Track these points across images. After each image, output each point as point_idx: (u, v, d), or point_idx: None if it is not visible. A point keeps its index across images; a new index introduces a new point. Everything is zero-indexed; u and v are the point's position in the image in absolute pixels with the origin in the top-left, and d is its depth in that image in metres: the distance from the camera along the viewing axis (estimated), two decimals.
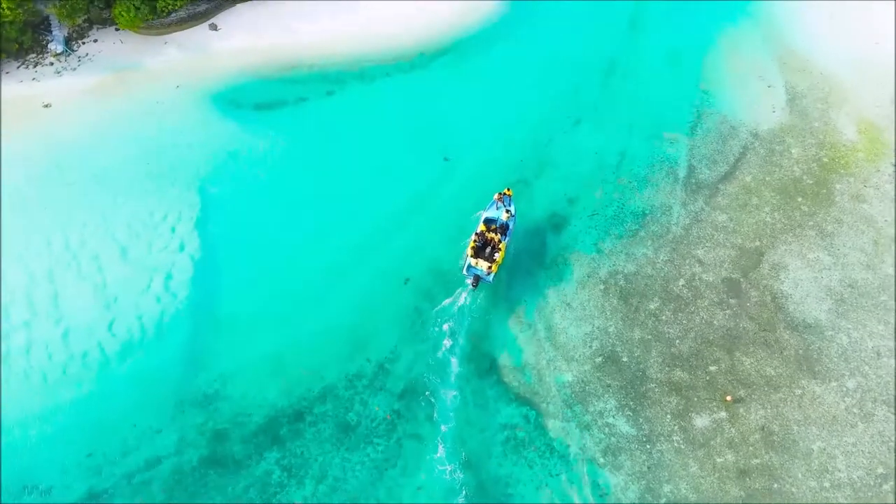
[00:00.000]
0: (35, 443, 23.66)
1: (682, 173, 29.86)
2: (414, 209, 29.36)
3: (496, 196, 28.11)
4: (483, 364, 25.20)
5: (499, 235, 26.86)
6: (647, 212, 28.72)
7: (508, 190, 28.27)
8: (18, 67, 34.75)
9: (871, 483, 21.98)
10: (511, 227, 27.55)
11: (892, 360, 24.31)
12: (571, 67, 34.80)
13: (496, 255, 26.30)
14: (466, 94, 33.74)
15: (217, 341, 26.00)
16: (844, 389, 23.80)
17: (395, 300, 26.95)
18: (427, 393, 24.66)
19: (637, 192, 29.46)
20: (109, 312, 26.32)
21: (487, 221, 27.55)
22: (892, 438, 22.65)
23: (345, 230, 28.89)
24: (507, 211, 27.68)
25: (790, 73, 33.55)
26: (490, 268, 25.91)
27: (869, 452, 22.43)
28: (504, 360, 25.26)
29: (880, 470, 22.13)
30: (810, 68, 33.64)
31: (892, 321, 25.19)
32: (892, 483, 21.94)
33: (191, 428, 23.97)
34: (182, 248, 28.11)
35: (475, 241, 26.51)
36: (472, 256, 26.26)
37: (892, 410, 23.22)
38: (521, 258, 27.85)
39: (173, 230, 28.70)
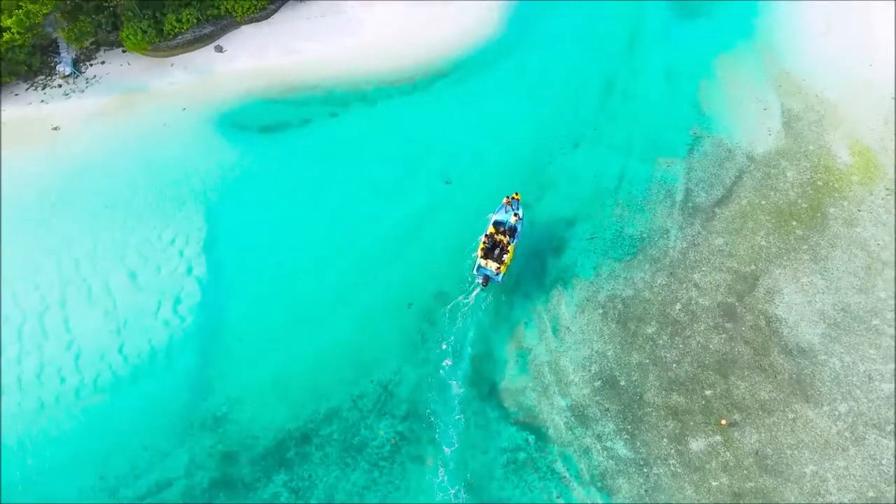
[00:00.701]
0: (50, 465, 24.33)
1: (679, 196, 30.45)
2: (416, 232, 29.94)
3: (505, 200, 29.12)
4: (484, 387, 25.86)
5: (507, 237, 28.08)
6: (644, 235, 29.34)
7: (517, 194, 29.19)
8: (27, 89, 35.37)
9: None
10: (519, 229, 28.68)
11: (884, 385, 24.95)
12: (571, 88, 35.34)
13: (504, 256, 27.45)
14: (466, 116, 34.25)
15: (225, 364, 26.65)
16: (836, 413, 24.43)
17: (398, 323, 27.57)
18: (430, 415, 25.36)
19: (635, 215, 30.06)
20: (120, 336, 27.00)
21: (497, 224, 28.71)
22: (883, 462, 23.29)
23: (348, 253, 29.48)
24: (516, 214, 28.85)
25: (786, 95, 34.10)
26: (499, 268, 27.06)
27: (860, 476, 23.06)
28: (505, 383, 25.91)
29: (871, 493, 22.77)
30: (806, 90, 34.20)
31: (884, 345, 25.82)
32: None
33: (200, 450, 24.64)
34: (190, 271, 28.77)
35: (485, 242, 27.77)
36: (481, 257, 27.50)
37: (883, 434, 23.87)
38: (523, 280, 28.49)
39: (181, 253, 29.36)
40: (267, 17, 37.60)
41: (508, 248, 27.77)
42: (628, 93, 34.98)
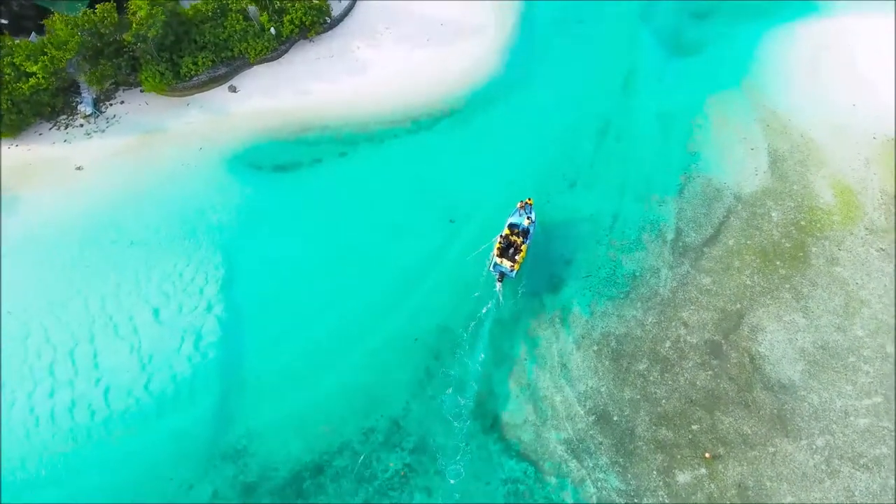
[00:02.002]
0: (82, 496, 26.24)
1: (670, 236, 32.26)
2: (422, 271, 31.75)
3: (519, 204, 31.99)
4: (487, 421, 27.70)
5: (521, 238, 30.88)
6: (637, 274, 31.16)
7: (530, 199, 32.08)
8: (51, 129, 37.21)
9: None
10: (532, 231, 31.45)
11: (859, 420, 26.78)
12: (568, 129, 37.18)
13: (517, 255, 30.25)
14: (468, 155, 36.10)
15: (244, 399, 28.48)
16: (814, 447, 26.28)
17: (405, 359, 29.38)
18: (436, 448, 27.21)
19: (628, 254, 31.88)
20: (146, 372, 28.85)
21: (511, 226, 31.42)
22: (856, 493, 25.16)
23: (358, 291, 31.29)
24: (529, 218, 31.69)
25: (773, 135, 35.90)
26: (513, 266, 29.95)
27: None
28: (506, 417, 27.75)
29: None
30: (791, 130, 35.98)
31: (860, 382, 27.66)
32: None
33: (223, 482, 26.48)
34: (210, 309, 30.60)
35: (500, 243, 30.64)
36: (497, 256, 30.31)
37: (857, 467, 25.72)
38: (522, 317, 30.28)
39: (201, 291, 31.20)
40: (277, 57, 39.46)
41: (522, 248, 30.65)
42: (622, 133, 36.80)
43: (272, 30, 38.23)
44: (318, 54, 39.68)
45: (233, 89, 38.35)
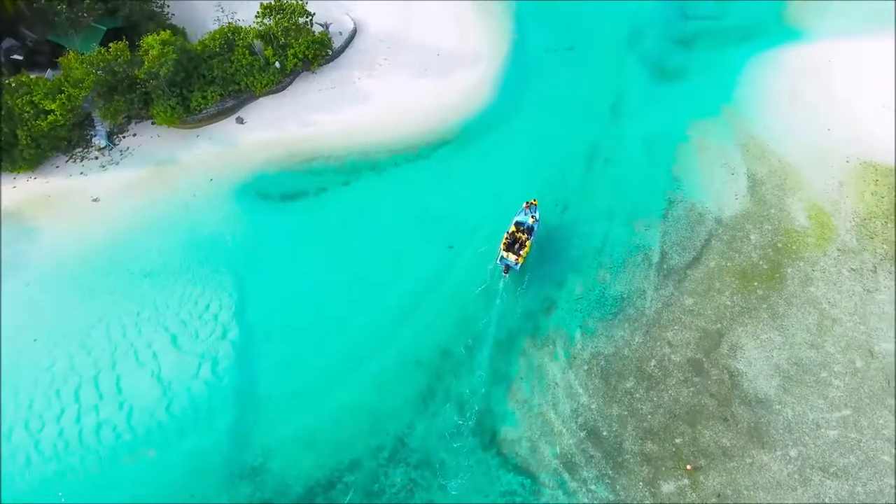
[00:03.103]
0: None
1: (655, 258, 34.36)
2: (423, 294, 33.73)
3: (525, 204, 35.24)
4: (486, 437, 29.74)
5: (525, 235, 33.85)
6: (624, 296, 33.25)
7: (535, 200, 35.37)
8: (67, 161, 39.12)
9: None
10: (535, 228, 34.54)
11: (829, 431, 28.94)
12: (560, 153, 39.24)
13: (522, 250, 33.28)
14: (466, 182, 38.12)
15: (258, 419, 30.46)
16: (788, 458, 28.44)
17: (409, 379, 31.36)
18: (439, 463, 29.28)
19: (617, 276, 33.97)
20: (166, 396, 30.81)
21: (517, 224, 34.52)
22: (826, 501, 27.33)
23: (363, 315, 33.28)
24: (533, 216, 34.77)
25: (752, 159, 38.03)
26: (517, 259, 32.99)
27: None
28: (504, 433, 29.81)
29: None
30: (769, 155, 38.12)
31: (830, 395, 29.82)
32: None
33: (242, 498, 28.45)
34: (224, 335, 32.59)
35: (507, 239, 33.55)
36: (504, 251, 33.30)
37: (827, 476, 27.88)
38: (517, 339, 32.37)
39: (216, 318, 33.16)
40: (282, 89, 41.42)
41: (526, 244, 33.58)
42: (611, 157, 38.89)
43: (277, 64, 40.19)
44: (320, 85, 41.68)
45: (240, 121, 40.29)
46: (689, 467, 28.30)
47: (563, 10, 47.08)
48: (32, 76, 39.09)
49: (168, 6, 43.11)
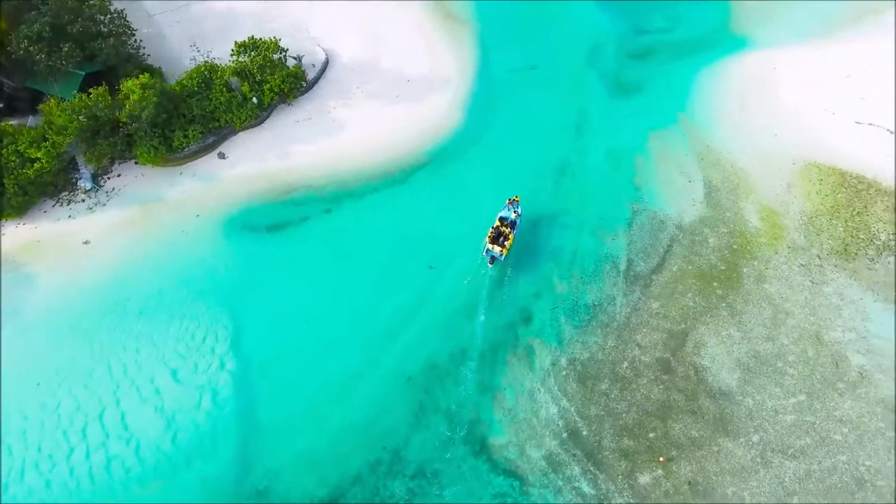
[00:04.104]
0: None
1: (622, 266, 36.92)
2: (409, 315, 35.79)
3: (508, 201, 38.58)
4: (476, 445, 31.98)
5: (509, 229, 37.25)
6: (596, 303, 35.75)
7: (517, 197, 38.59)
8: (54, 205, 40.15)
9: None
10: (518, 223, 37.85)
11: (786, 416, 31.81)
12: (529, 171, 41.54)
13: (506, 242, 36.65)
14: (442, 202, 40.21)
15: (261, 444, 32.28)
16: (750, 443, 31.24)
17: (401, 396, 33.46)
18: (433, 473, 31.41)
19: (588, 285, 36.45)
20: (171, 429, 32.44)
21: (501, 219, 37.79)
22: (785, 480, 30.16)
23: (352, 337, 35.25)
24: (515, 212, 38.10)
25: (707, 167, 40.85)
26: (502, 250, 36.44)
27: (768, 493, 29.90)
28: (492, 440, 32.08)
29: None
30: (723, 161, 40.98)
31: (786, 383, 32.70)
32: None
33: None
34: (222, 366, 34.26)
35: (492, 233, 36.82)
36: (490, 243, 36.62)
37: (786, 457, 30.74)
38: (500, 351, 34.64)
39: (213, 350, 34.79)
40: (260, 122, 42.99)
41: (509, 237, 36.91)
42: (577, 173, 41.35)
43: (254, 99, 41.74)
44: (297, 117, 43.34)
45: (222, 156, 41.76)
46: (662, 459, 30.93)
47: (524, 31, 49.38)
48: (13, 123, 40.10)
49: (143, 47, 44.30)
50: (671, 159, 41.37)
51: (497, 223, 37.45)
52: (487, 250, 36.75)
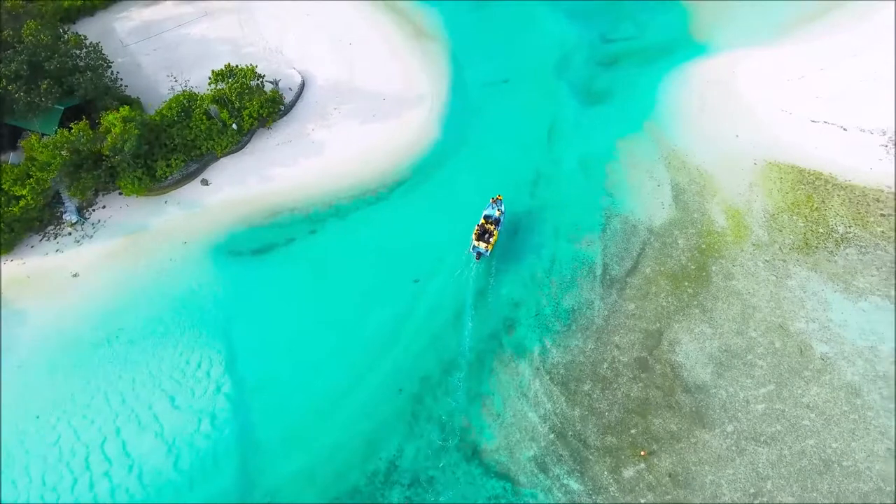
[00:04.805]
0: None
1: (598, 271, 38.67)
2: (397, 328, 37.14)
3: (492, 200, 41.08)
4: (468, 451, 33.47)
5: (493, 226, 39.68)
6: (575, 308, 37.45)
7: (500, 196, 41.16)
8: (41, 240, 40.73)
9: (749, 501, 31.42)
10: (502, 220, 40.45)
11: (758, 406, 33.84)
12: (506, 181, 42.99)
13: (491, 238, 39.11)
14: (422, 217, 41.62)
15: (261, 462, 33.41)
16: (725, 433, 33.18)
17: (393, 407, 34.82)
18: (428, 480, 32.85)
19: (567, 291, 38.13)
20: (172, 453, 33.42)
21: (486, 217, 40.21)
22: (759, 466, 32.17)
23: (344, 353, 36.50)
24: (499, 210, 40.59)
25: (674, 170, 42.79)
26: (487, 246, 38.83)
27: (743, 479, 31.85)
28: (483, 445, 33.59)
29: (752, 490, 31.59)
30: (688, 164, 42.97)
31: (756, 374, 34.73)
32: (764, 499, 31.48)
33: None
34: (219, 390, 35.28)
35: (478, 230, 39.26)
36: (476, 240, 39.06)
37: (759, 444, 32.75)
38: (486, 360, 36.16)
39: (208, 375, 35.79)
40: (241, 147, 43.95)
41: (494, 233, 39.32)
42: (551, 181, 43.03)
43: (234, 125, 42.65)
44: (277, 140, 44.35)
45: (205, 182, 42.63)
46: (643, 453, 32.73)
47: (495, 44, 50.92)
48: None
49: (121, 78, 44.92)
50: (640, 164, 43.27)
51: (482, 221, 39.73)
52: (474, 247, 38.95)
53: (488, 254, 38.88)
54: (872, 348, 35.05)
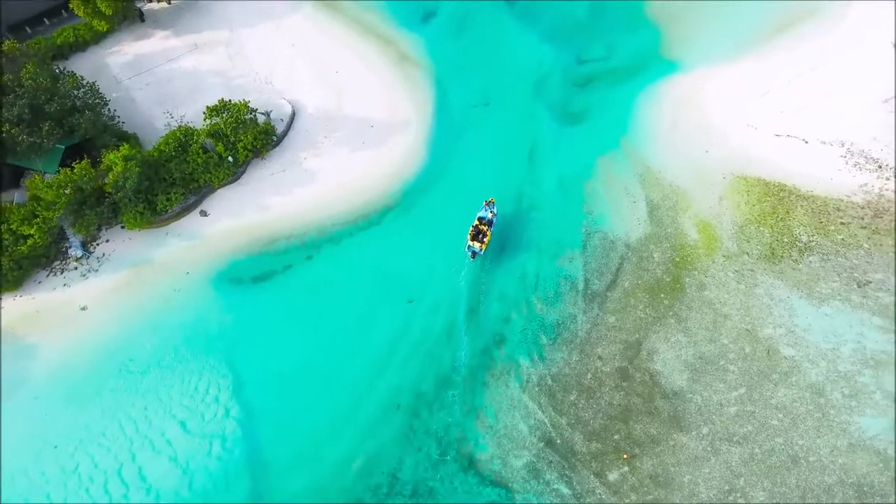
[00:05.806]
0: None
1: (580, 286, 41.20)
2: (393, 346, 39.49)
3: (485, 202, 44.07)
4: (464, 461, 35.94)
5: (487, 227, 42.72)
6: (560, 322, 39.95)
7: (492, 199, 44.07)
8: (48, 276, 42.47)
9: (723, 498, 34.14)
10: (495, 221, 43.47)
11: (730, 408, 36.57)
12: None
13: (485, 238, 42.18)
14: (413, 240, 43.82)
15: (270, 481, 35.68)
16: (701, 435, 35.89)
17: (392, 422, 37.20)
18: (428, 491, 35.24)
19: (551, 306, 40.63)
20: (186, 476, 35.53)
21: (480, 218, 43.23)
22: (732, 464, 34.92)
23: (344, 374, 38.77)
24: (492, 212, 43.53)
25: (648, 187, 45.39)
26: (481, 246, 41.88)
27: (719, 477, 34.59)
28: (478, 455, 36.06)
29: (726, 487, 34.34)
30: (662, 181, 45.58)
31: (728, 379, 37.46)
32: (737, 495, 34.22)
33: None
34: (227, 414, 37.41)
35: (472, 231, 42.17)
36: (470, 240, 41.95)
37: (732, 444, 35.48)
38: (477, 373, 38.59)
39: (217, 400, 37.90)
40: (237, 178, 45.87)
41: (487, 234, 42.44)
42: (533, 200, 45.46)
43: (230, 157, 44.57)
44: (271, 170, 46.34)
45: (204, 214, 44.53)
46: (626, 456, 35.36)
47: (476, 68, 53.11)
48: (6, 204, 42.16)
49: (118, 115, 46.63)
50: (616, 182, 45.83)
51: (476, 222, 42.79)
52: (469, 246, 41.89)
53: (482, 253, 41.96)
54: (834, 350, 37.91)
